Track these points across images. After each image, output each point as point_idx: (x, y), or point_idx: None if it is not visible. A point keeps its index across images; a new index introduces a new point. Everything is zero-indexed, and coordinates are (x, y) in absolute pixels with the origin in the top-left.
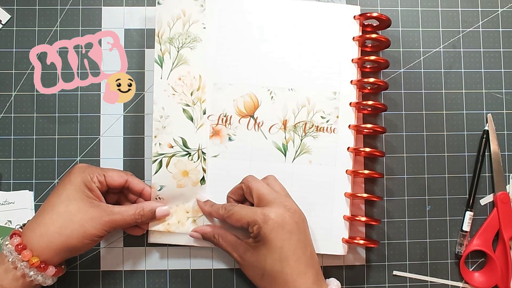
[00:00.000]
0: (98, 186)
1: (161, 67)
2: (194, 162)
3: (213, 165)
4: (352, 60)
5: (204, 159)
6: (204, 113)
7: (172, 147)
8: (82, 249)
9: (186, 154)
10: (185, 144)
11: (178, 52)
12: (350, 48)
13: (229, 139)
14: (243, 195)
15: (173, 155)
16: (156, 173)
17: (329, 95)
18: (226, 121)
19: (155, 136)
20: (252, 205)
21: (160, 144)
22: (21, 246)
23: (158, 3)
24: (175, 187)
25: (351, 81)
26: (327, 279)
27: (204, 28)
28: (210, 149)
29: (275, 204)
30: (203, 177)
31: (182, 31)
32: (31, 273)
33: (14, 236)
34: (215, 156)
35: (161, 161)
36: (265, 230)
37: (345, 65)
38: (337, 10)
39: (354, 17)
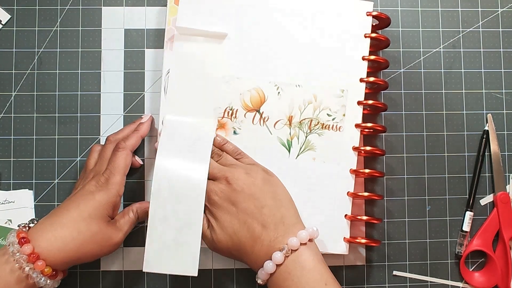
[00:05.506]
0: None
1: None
2: None
3: None
4: (363, 57)
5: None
6: None
7: None
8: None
9: None
10: None
11: None
12: (360, 45)
13: (234, 132)
14: None
15: None
16: None
17: (337, 93)
18: (231, 115)
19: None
20: None
21: None
22: (34, 256)
23: None
24: None
25: (361, 79)
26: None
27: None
28: None
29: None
30: None
31: None
32: (42, 280)
33: (23, 242)
34: None
35: None
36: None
37: (355, 62)
38: (350, 6)
39: (367, 13)
